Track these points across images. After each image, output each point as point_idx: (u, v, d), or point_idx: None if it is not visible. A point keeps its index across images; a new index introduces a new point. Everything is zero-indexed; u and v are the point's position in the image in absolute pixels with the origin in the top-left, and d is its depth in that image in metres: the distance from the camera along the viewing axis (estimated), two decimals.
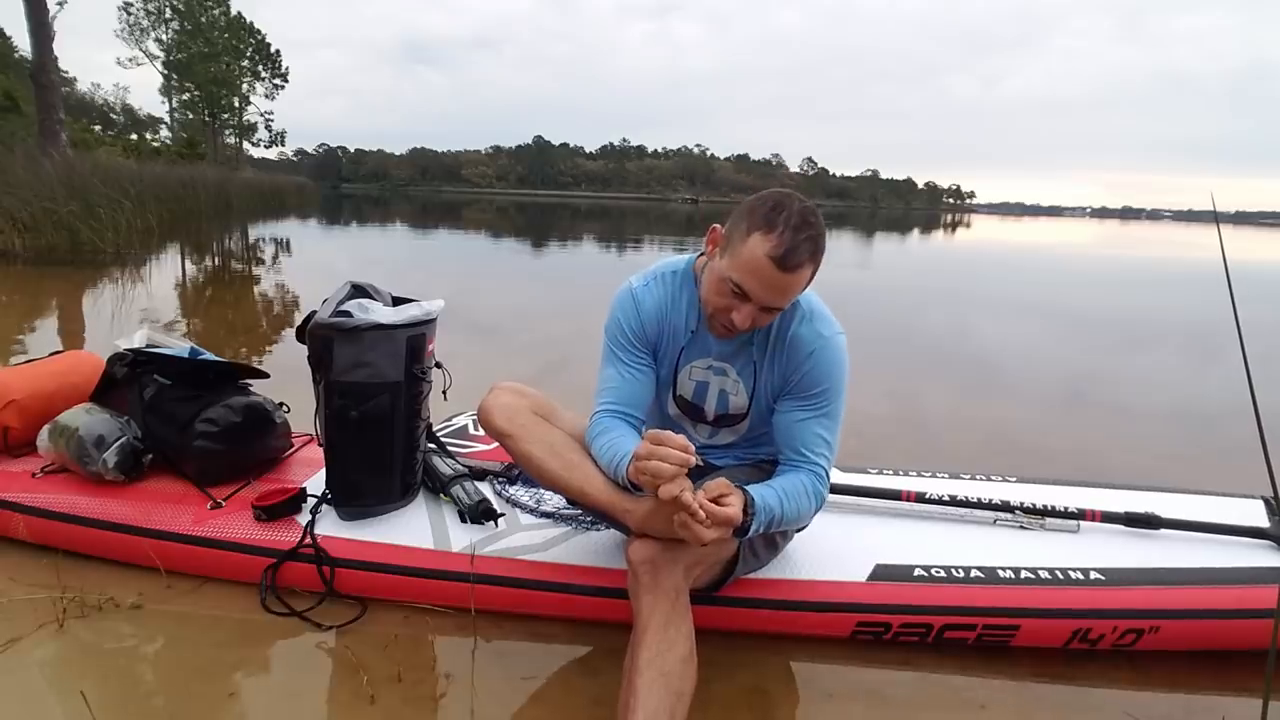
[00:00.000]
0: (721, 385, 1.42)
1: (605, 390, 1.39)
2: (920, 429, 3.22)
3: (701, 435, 1.51)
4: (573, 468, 1.38)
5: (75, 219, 7.90)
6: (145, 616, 1.50)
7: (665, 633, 1.14)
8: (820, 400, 1.32)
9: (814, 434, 1.32)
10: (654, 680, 1.09)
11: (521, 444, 1.42)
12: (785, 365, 1.35)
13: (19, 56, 21.04)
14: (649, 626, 1.14)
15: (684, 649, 1.14)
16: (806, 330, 1.33)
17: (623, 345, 1.39)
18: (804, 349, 1.32)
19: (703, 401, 1.45)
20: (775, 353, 1.36)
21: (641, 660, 1.11)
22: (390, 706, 1.28)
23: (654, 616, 1.15)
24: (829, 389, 1.32)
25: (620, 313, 1.40)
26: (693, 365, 1.43)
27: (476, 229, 17.65)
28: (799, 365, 1.33)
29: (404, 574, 1.53)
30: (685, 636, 1.16)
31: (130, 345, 1.82)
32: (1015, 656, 1.48)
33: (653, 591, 1.17)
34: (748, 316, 1.22)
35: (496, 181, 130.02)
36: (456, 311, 5.38)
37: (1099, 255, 18.78)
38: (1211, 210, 0.90)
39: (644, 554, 1.21)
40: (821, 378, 1.32)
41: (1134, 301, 8.91)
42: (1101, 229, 48.71)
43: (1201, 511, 1.72)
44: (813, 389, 1.32)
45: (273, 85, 38.34)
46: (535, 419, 1.44)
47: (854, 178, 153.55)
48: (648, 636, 1.13)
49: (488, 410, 1.45)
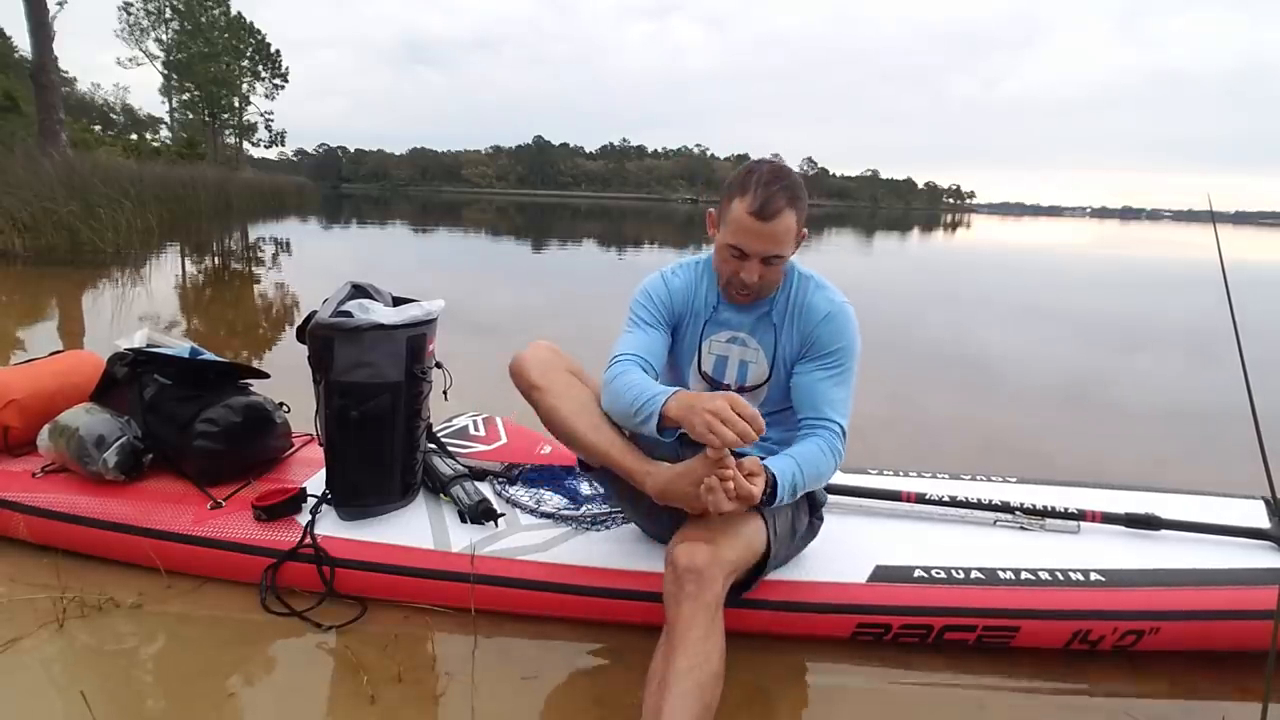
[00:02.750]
0: (742, 356, 1.50)
1: (627, 343, 1.46)
2: (920, 430, 3.22)
3: None
4: (598, 428, 1.40)
5: (75, 219, 7.90)
6: (145, 616, 1.50)
7: (704, 645, 1.13)
8: (835, 359, 1.42)
9: (830, 392, 1.40)
10: (689, 692, 1.08)
11: (549, 397, 1.42)
12: (802, 329, 1.45)
13: (19, 56, 21.04)
14: (688, 637, 1.13)
15: (718, 664, 1.14)
16: (819, 297, 1.45)
17: (648, 310, 1.49)
18: (818, 312, 1.44)
19: (723, 374, 1.52)
20: (792, 318, 1.46)
21: (680, 668, 1.10)
22: (390, 706, 1.28)
23: (694, 628, 1.14)
24: (843, 348, 1.42)
25: (650, 287, 1.52)
26: (713, 340, 1.51)
27: (476, 229, 17.65)
28: (814, 327, 1.43)
29: (404, 574, 1.53)
30: (720, 652, 1.15)
31: (130, 345, 1.82)
32: (1015, 657, 1.48)
33: (695, 600, 1.16)
34: (752, 270, 1.36)
35: (496, 181, 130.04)
36: (457, 311, 5.36)
37: (1099, 256, 18.78)
38: (1213, 210, 0.91)
39: (692, 560, 1.19)
40: (836, 336, 1.42)
41: (1134, 302, 8.91)
42: (1101, 229, 48.72)
43: (1202, 512, 1.72)
44: (828, 348, 1.42)
45: (273, 85, 38.33)
46: (568, 376, 1.46)
47: (854, 178, 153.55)
48: (687, 646, 1.12)
49: (522, 361, 1.45)
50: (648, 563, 1.51)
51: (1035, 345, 5.56)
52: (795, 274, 1.48)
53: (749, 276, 1.36)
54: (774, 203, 1.30)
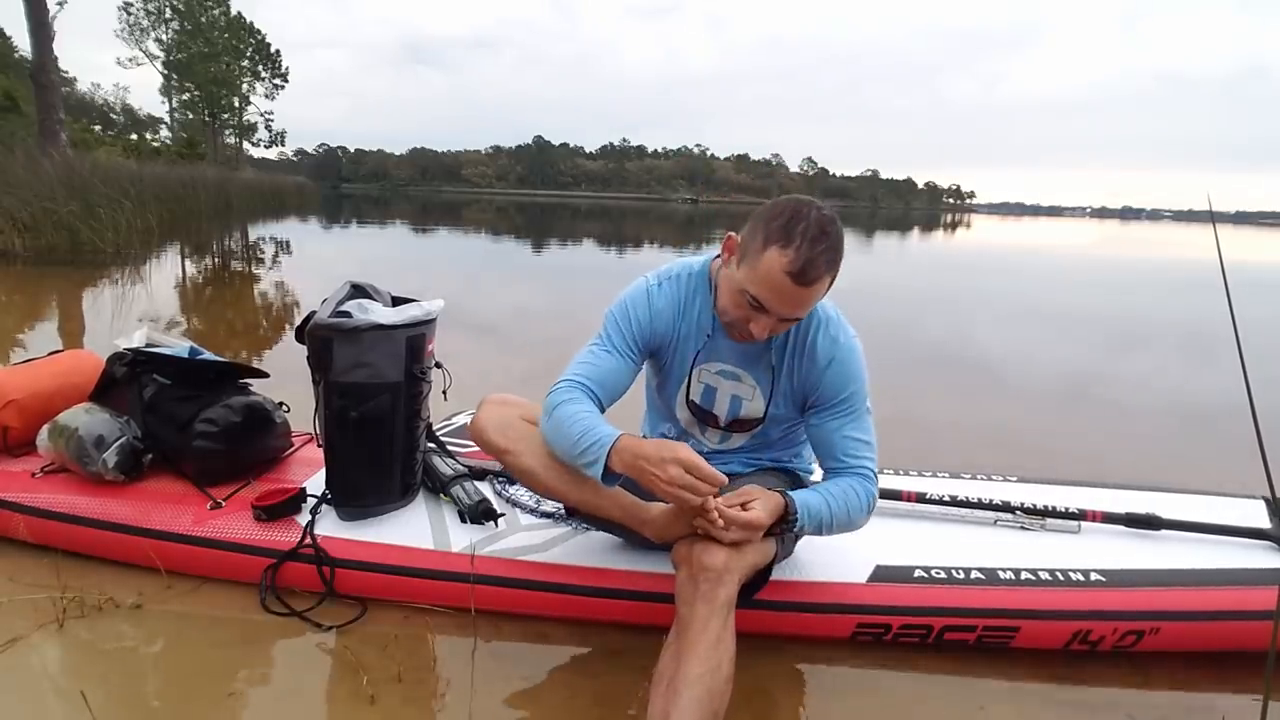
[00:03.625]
0: (734, 390, 1.42)
1: (584, 364, 1.33)
2: (921, 429, 3.21)
3: (711, 440, 1.50)
4: (581, 483, 1.34)
5: (75, 219, 7.90)
6: (145, 616, 1.50)
7: (716, 650, 1.11)
8: (848, 405, 1.34)
9: (850, 439, 1.34)
10: (700, 698, 1.06)
11: (521, 458, 1.37)
12: (805, 374, 1.36)
13: (19, 56, 21.04)
14: (700, 640, 1.10)
15: (729, 670, 1.12)
16: (824, 339, 1.34)
17: (621, 334, 1.36)
18: (823, 358, 1.34)
19: (711, 406, 1.45)
20: (794, 361, 1.37)
21: (691, 673, 1.08)
22: (390, 706, 1.28)
23: (707, 631, 1.11)
24: (854, 392, 1.34)
25: (630, 302, 1.38)
26: (702, 369, 1.42)
27: (476, 229, 17.65)
28: (820, 375, 1.34)
29: (404, 574, 1.53)
30: (731, 656, 1.13)
31: (130, 345, 1.82)
32: (1015, 656, 1.48)
33: (710, 603, 1.13)
34: (765, 328, 1.23)
35: (496, 181, 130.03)
36: (456, 311, 5.35)
37: (1099, 256, 18.78)
38: (1212, 210, 0.90)
39: (710, 560, 1.16)
40: (845, 383, 1.34)
41: (1134, 302, 8.91)
42: (1101, 229, 48.71)
43: (1202, 512, 1.72)
44: (838, 396, 1.34)
45: (273, 85, 38.36)
46: (528, 428, 1.38)
47: (854, 178, 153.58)
48: (699, 650, 1.10)
49: (480, 428, 1.40)
50: (648, 563, 1.51)
51: (1036, 345, 5.56)
52: None
53: (759, 333, 1.24)
54: (815, 267, 1.15)
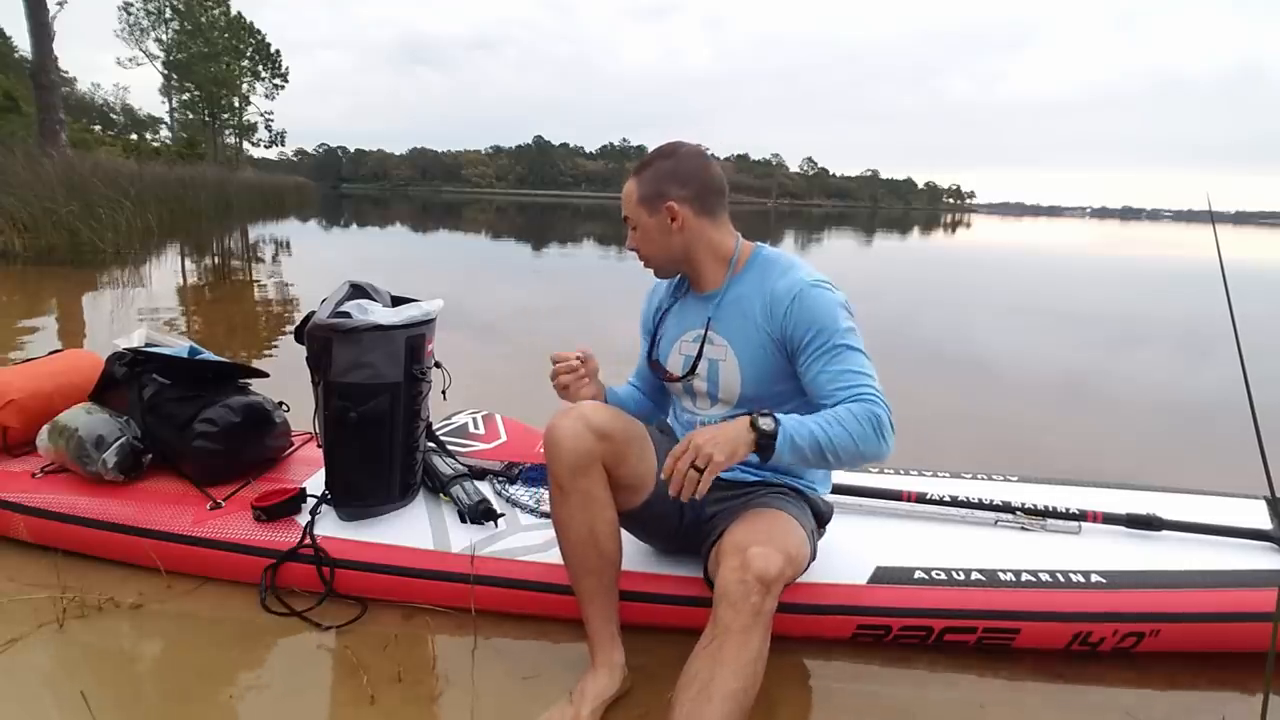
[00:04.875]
0: (710, 355, 1.41)
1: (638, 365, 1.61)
2: (921, 428, 3.21)
3: (703, 408, 1.46)
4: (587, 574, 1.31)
5: (75, 219, 7.91)
6: (145, 616, 1.50)
7: (755, 666, 1.08)
8: (820, 341, 1.28)
9: (832, 372, 1.26)
10: (733, 713, 1.05)
11: (562, 509, 1.29)
12: (769, 321, 1.33)
13: (19, 56, 21.04)
14: (743, 655, 1.07)
15: (759, 684, 1.09)
16: (782, 283, 1.33)
17: (643, 327, 1.59)
18: (783, 301, 1.31)
19: (692, 373, 1.43)
20: (751, 303, 1.36)
21: (727, 687, 1.05)
22: (390, 706, 1.28)
23: (749, 645, 1.08)
24: (824, 328, 1.28)
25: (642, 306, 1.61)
26: (682, 340, 1.47)
27: (476, 229, 17.64)
28: (782, 319, 1.31)
29: (404, 574, 1.53)
30: (762, 672, 1.10)
31: (129, 344, 1.82)
32: (1015, 656, 1.47)
33: (758, 614, 1.09)
34: (629, 239, 1.44)
35: (496, 181, 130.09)
36: (456, 311, 5.35)
37: (1099, 256, 18.78)
38: (1211, 210, 0.90)
39: (767, 569, 1.10)
40: (809, 321, 1.28)
41: (1134, 302, 8.91)
42: (1101, 229, 48.71)
43: (1203, 512, 1.72)
44: (807, 335, 1.29)
45: (273, 85, 38.32)
46: (600, 483, 1.28)
47: (854, 178, 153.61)
48: (740, 663, 1.07)
49: (555, 440, 1.26)
50: (648, 563, 1.51)
51: (1036, 344, 5.55)
52: (758, 258, 1.40)
53: (628, 242, 1.44)
54: (642, 164, 1.40)
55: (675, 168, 1.37)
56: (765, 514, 1.30)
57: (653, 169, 1.38)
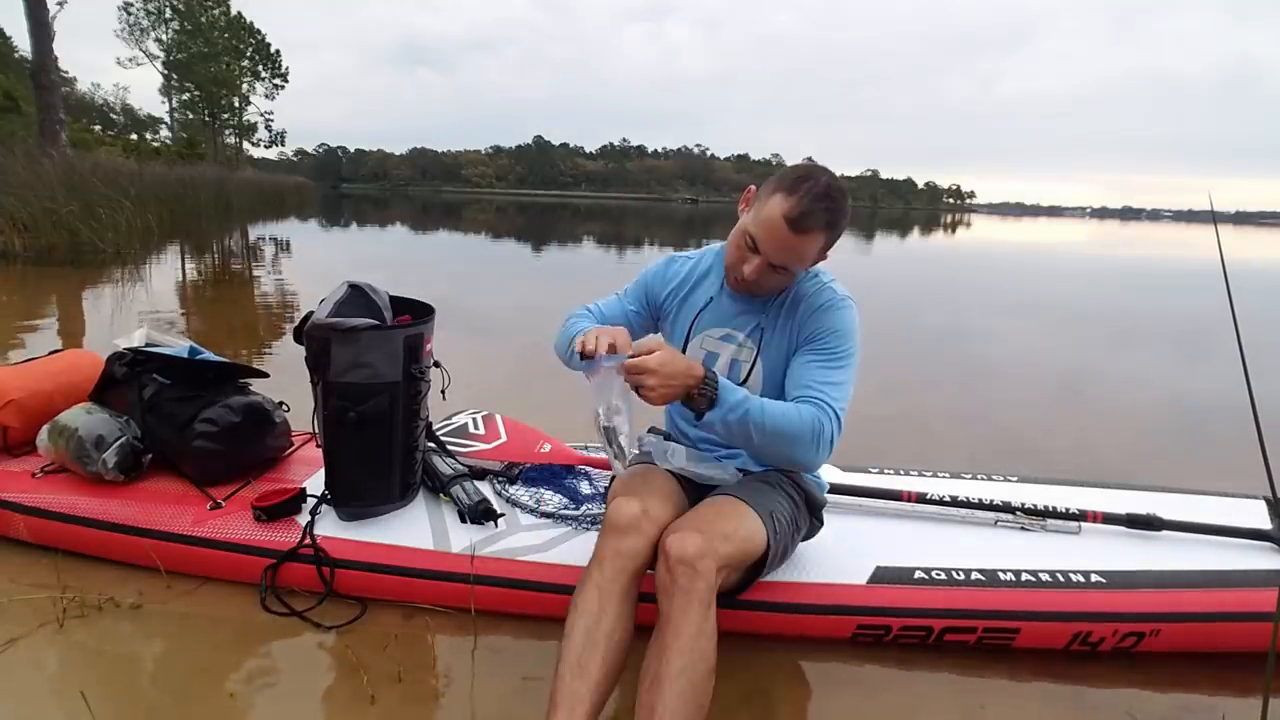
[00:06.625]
0: (734, 355, 1.45)
1: (600, 303, 1.58)
2: (921, 428, 3.21)
3: None
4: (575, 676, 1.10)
5: (75, 219, 7.91)
6: (145, 616, 1.50)
7: (698, 641, 1.10)
8: (826, 343, 1.34)
9: (819, 374, 1.32)
10: (684, 690, 1.06)
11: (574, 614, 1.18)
12: (795, 322, 1.39)
13: (19, 56, 21.04)
14: (681, 633, 1.10)
15: (712, 661, 1.11)
16: (816, 288, 1.40)
17: (640, 286, 1.58)
18: (814, 303, 1.38)
19: None
20: (786, 312, 1.40)
21: (674, 668, 1.07)
22: (390, 706, 1.28)
23: (686, 623, 1.11)
24: (837, 333, 1.34)
25: (653, 266, 1.59)
26: (706, 334, 1.47)
27: (476, 230, 17.65)
28: (808, 318, 1.37)
29: (404, 574, 1.53)
30: (713, 647, 1.12)
31: (129, 344, 1.82)
32: (1015, 656, 1.48)
33: (688, 595, 1.13)
34: (756, 269, 1.32)
35: (496, 181, 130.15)
36: (456, 311, 5.36)
37: (1098, 255, 18.77)
38: (1213, 210, 0.90)
39: (683, 550, 1.15)
40: (829, 325, 1.35)
41: (1134, 302, 8.90)
42: (1101, 229, 48.71)
43: (1203, 512, 1.72)
44: (820, 335, 1.35)
45: (273, 85, 38.26)
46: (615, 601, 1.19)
47: (854, 178, 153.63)
48: (680, 643, 1.09)
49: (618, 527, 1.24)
50: None
51: (1036, 344, 5.55)
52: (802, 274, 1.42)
53: (750, 273, 1.33)
54: (811, 219, 1.25)
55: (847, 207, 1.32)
56: (716, 501, 1.34)
57: (841, 222, 1.31)
